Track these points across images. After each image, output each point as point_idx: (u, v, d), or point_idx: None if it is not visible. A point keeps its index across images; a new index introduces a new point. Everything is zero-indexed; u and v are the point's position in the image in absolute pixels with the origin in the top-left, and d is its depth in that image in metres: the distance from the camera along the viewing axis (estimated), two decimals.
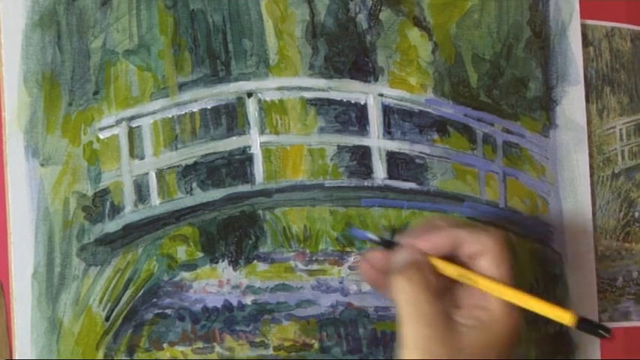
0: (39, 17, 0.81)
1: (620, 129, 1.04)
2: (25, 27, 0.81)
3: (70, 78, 0.82)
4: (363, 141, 0.90)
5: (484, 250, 0.77)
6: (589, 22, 1.03)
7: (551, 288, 0.97)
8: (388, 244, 0.80)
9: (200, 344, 0.85)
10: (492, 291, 0.76)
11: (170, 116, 0.85)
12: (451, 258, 0.78)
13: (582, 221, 1.00)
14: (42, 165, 0.81)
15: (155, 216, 0.84)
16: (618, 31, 1.05)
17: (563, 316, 0.76)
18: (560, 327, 0.97)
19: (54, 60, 0.82)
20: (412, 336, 0.74)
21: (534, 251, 0.97)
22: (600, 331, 0.76)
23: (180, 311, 0.84)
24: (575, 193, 0.99)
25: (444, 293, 0.79)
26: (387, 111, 0.91)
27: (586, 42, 1.02)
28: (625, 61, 1.05)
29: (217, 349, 0.85)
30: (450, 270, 0.78)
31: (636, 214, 1.04)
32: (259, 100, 0.87)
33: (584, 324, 0.76)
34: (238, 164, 0.87)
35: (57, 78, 0.82)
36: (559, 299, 0.97)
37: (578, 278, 0.98)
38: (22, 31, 0.81)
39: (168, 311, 0.84)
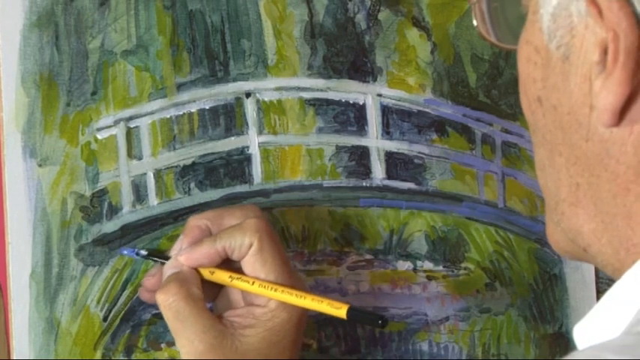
0: (37, 18, 0.81)
1: None
2: (23, 27, 0.81)
3: (68, 78, 0.82)
4: (362, 141, 0.90)
5: (246, 252, 0.77)
6: None
7: (550, 288, 0.97)
8: (159, 258, 0.80)
9: None
10: (262, 293, 0.76)
11: (168, 116, 0.85)
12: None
13: None
14: (40, 165, 0.81)
15: (153, 216, 0.84)
16: None
17: (336, 311, 0.75)
18: (559, 327, 0.97)
19: (52, 60, 0.82)
20: (186, 352, 0.75)
21: (533, 251, 0.97)
22: (373, 319, 0.76)
23: None
24: None
25: (220, 297, 0.80)
26: (385, 111, 0.91)
27: None
28: None
29: None
30: (219, 277, 0.78)
31: None
32: (258, 101, 0.87)
33: (355, 313, 0.75)
34: (236, 164, 0.87)
35: (55, 78, 0.82)
36: (558, 299, 0.97)
37: (577, 278, 0.98)
38: (19, 31, 0.81)
39: None
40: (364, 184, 0.90)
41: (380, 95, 0.91)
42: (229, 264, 0.78)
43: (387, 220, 0.91)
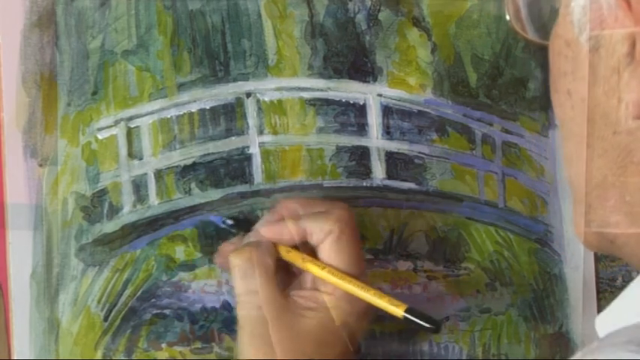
0: (37, 18, 0.81)
1: None
2: (24, 27, 0.81)
3: (68, 78, 0.82)
4: (362, 141, 0.90)
5: (324, 238, 0.78)
6: None
7: (550, 288, 0.97)
8: (243, 227, 0.82)
9: (199, 344, 0.85)
10: (329, 280, 0.77)
11: (169, 116, 0.85)
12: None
13: None
14: (40, 165, 0.81)
15: (154, 216, 0.84)
16: None
17: (394, 309, 0.77)
18: (559, 327, 0.97)
19: (52, 60, 0.82)
20: (242, 317, 0.76)
21: (533, 251, 0.97)
22: (426, 323, 0.76)
23: (178, 311, 0.84)
24: None
25: (291, 277, 0.81)
26: (386, 111, 0.91)
27: None
28: None
29: (216, 349, 0.85)
30: (293, 257, 0.79)
31: None
32: (258, 101, 0.87)
33: (412, 314, 0.76)
34: (237, 164, 0.87)
35: (55, 78, 0.82)
36: (558, 299, 0.97)
37: (578, 278, 0.98)
38: (20, 31, 0.81)
39: (167, 311, 0.84)
40: (364, 184, 0.91)
41: (380, 95, 0.91)
42: (307, 250, 0.79)
43: (387, 219, 0.91)
